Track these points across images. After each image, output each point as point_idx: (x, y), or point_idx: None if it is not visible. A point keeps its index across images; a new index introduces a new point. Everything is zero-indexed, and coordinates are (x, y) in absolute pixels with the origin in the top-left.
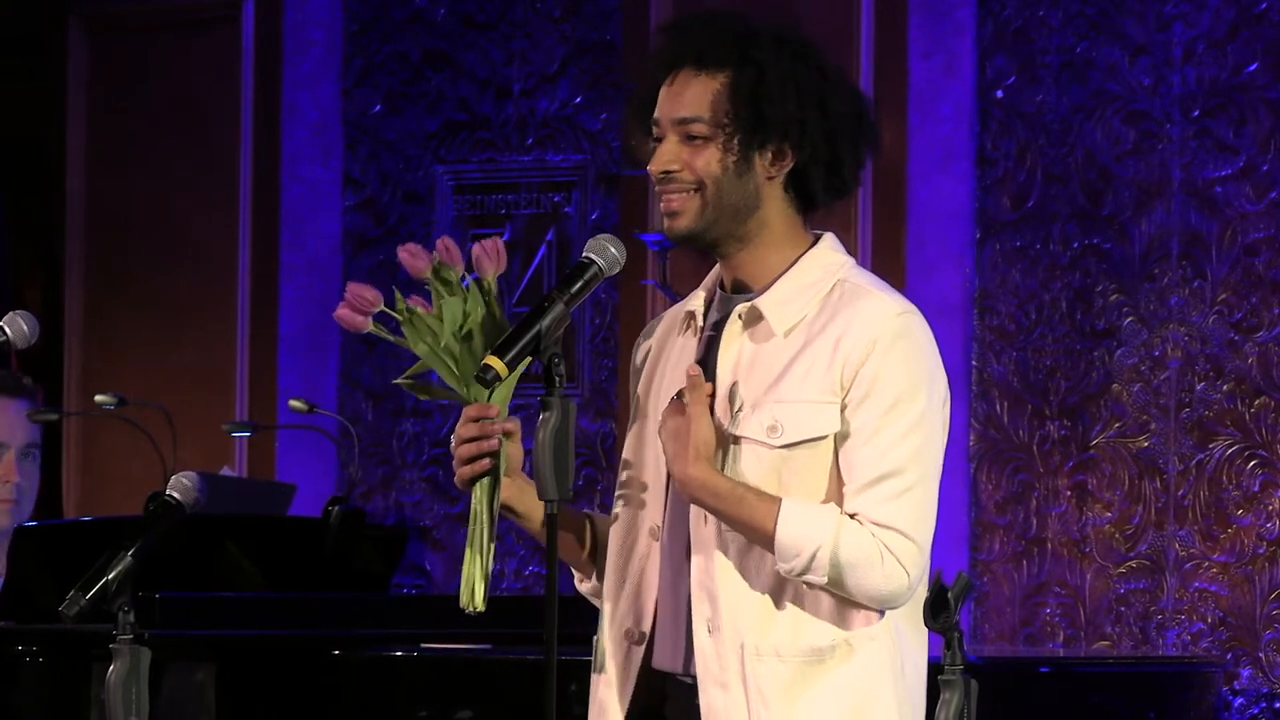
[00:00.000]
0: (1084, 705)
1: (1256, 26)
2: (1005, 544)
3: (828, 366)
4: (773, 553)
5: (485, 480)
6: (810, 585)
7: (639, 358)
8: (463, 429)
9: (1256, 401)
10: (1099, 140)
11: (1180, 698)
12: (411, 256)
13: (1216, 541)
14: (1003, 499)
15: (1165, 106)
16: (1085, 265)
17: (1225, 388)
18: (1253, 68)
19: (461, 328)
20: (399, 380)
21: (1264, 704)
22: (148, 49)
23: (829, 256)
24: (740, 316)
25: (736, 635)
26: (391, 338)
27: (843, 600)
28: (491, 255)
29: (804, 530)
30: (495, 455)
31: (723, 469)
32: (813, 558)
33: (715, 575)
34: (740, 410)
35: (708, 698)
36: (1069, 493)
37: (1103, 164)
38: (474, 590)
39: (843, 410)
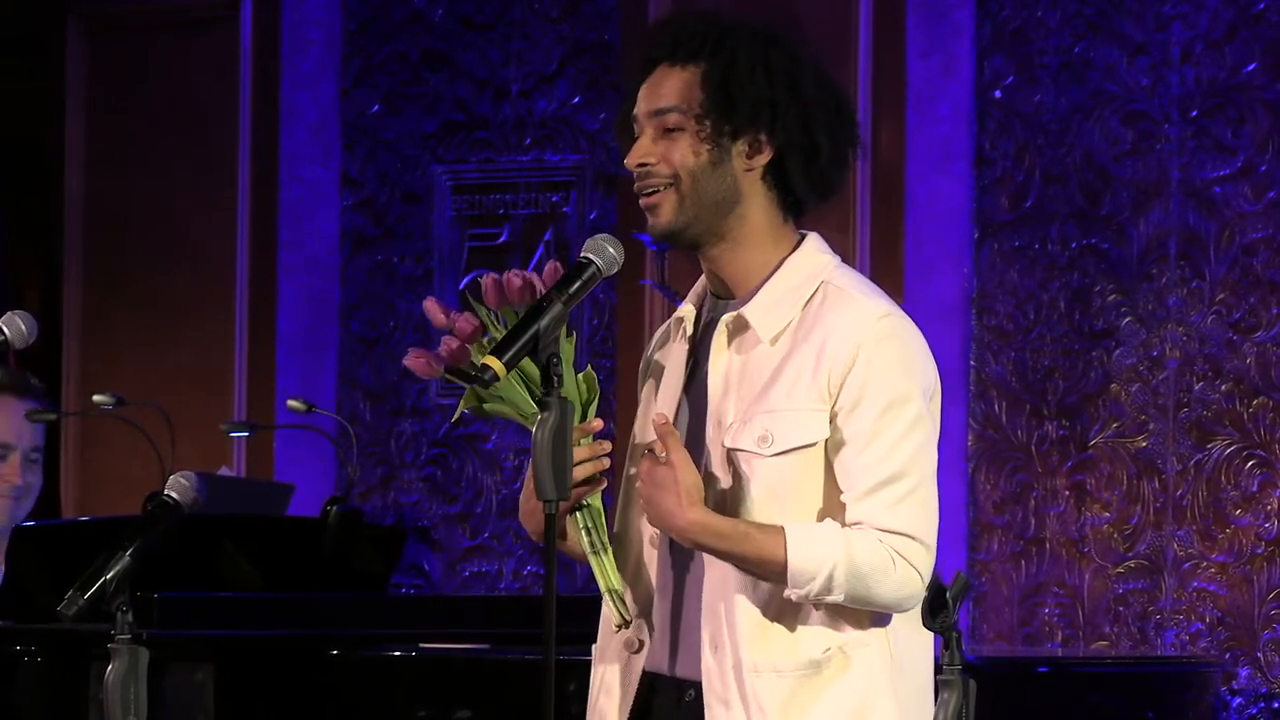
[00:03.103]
0: (1082, 705)
1: (1255, 26)
2: (1003, 544)
3: (813, 374)
4: (782, 582)
5: (589, 505)
6: (827, 605)
7: (643, 367)
8: (577, 450)
9: (1255, 401)
10: (1097, 140)
11: (1179, 697)
12: (514, 277)
13: (1215, 541)
14: (1001, 499)
15: (1163, 106)
16: (1083, 265)
17: (1224, 388)
18: (1251, 68)
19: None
20: (458, 416)
21: (1262, 704)
22: (146, 49)
23: (813, 258)
24: (727, 327)
25: (735, 652)
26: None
27: (836, 609)
28: (553, 275)
29: (815, 552)
30: (605, 472)
31: (717, 482)
32: (830, 578)
33: (725, 593)
34: (732, 423)
35: (713, 715)
36: (1067, 493)
37: (1101, 164)
38: (618, 608)
39: (833, 419)
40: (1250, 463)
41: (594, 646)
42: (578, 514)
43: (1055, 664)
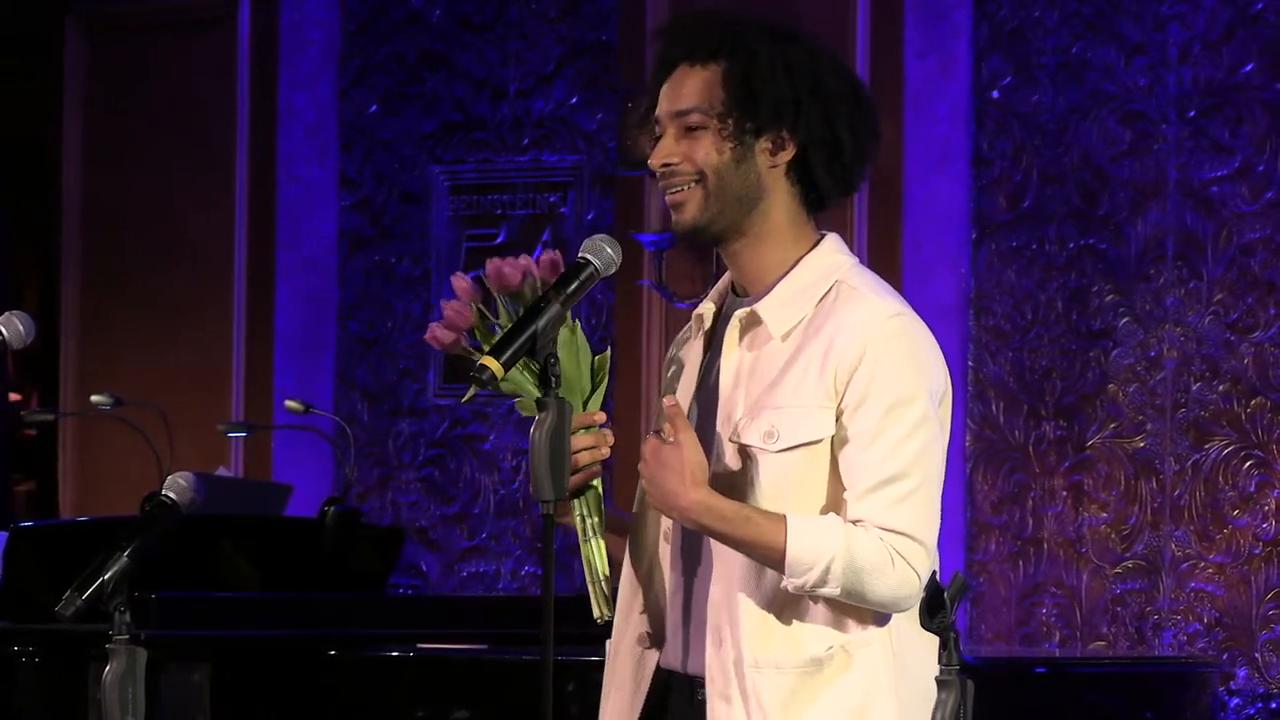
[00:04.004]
0: (1080, 705)
1: (1252, 27)
2: (1001, 544)
3: (820, 371)
4: (780, 570)
5: (592, 488)
6: (822, 598)
7: (666, 363)
8: (578, 438)
9: (1252, 402)
10: (1095, 140)
11: (1176, 698)
12: (511, 269)
13: (1212, 542)
14: (999, 499)
15: (1161, 107)
16: (1081, 265)
17: (1221, 388)
18: (1248, 68)
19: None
20: (469, 397)
21: (1260, 704)
22: (145, 49)
23: (829, 258)
24: (740, 322)
25: (737, 648)
26: (477, 356)
27: (839, 607)
28: (549, 267)
29: (815, 543)
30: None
31: (725, 476)
32: (826, 570)
33: (730, 588)
34: (740, 418)
35: (713, 710)
36: (1065, 493)
37: (1098, 164)
38: (597, 603)
39: (839, 416)
40: (1248, 463)
41: (608, 642)
42: (575, 500)
43: (1053, 664)
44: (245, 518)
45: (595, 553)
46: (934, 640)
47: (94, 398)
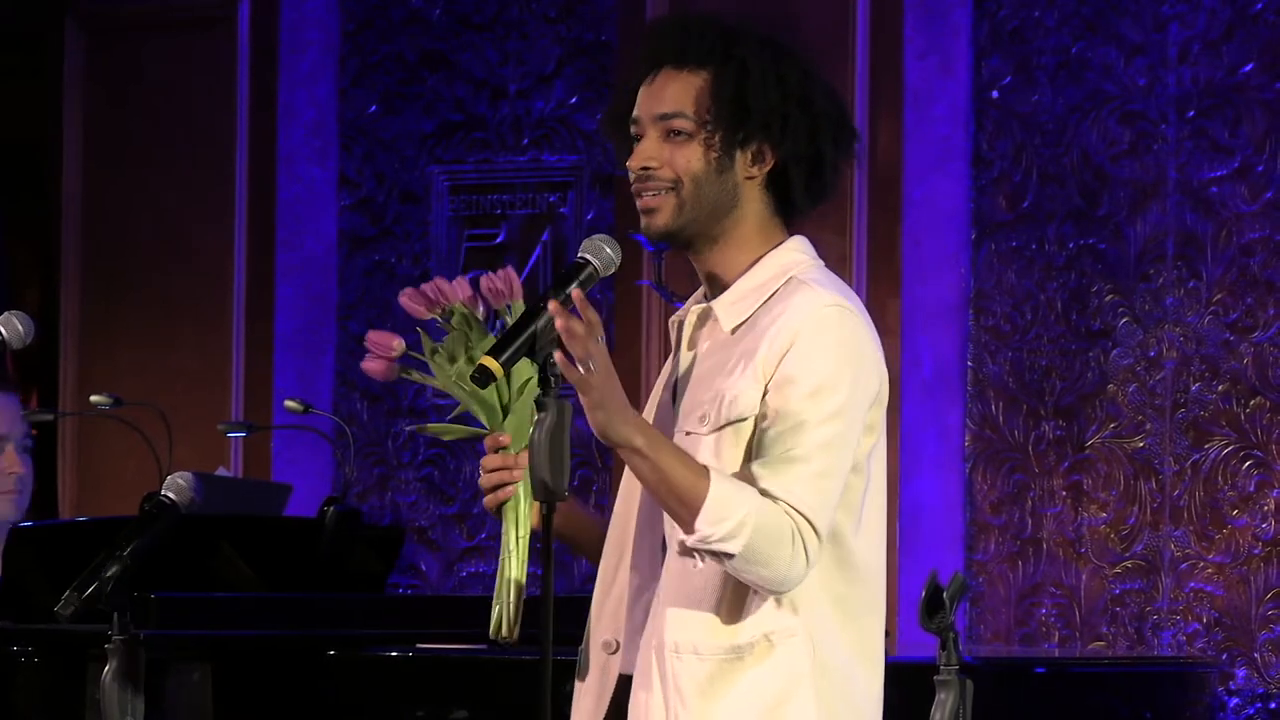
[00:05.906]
0: (1079, 706)
1: (1252, 26)
2: (1001, 544)
3: (754, 354)
4: (686, 518)
5: (511, 505)
6: (719, 555)
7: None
8: (486, 460)
9: (1252, 402)
10: (1094, 140)
11: (1176, 698)
12: (410, 301)
13: (1212, 542)
14: (998, 499)
15: (1161, 107)
16: (1081, 265)
17: (1220, 388)
18: (1248, 68)
19: (468, 358)
20: (414, 429)
21: (1259, 704)
22: (145, 49)
23: (788, 256)
24: (696, 318)
25: (659, 634)
26: (422, 379)
27: (767, 597)
28: (504, 287)
29: (735, 496)
30: (517, 482)
31: None
32: (740, 524)
33: (669, 584)
34: (686, 407)
35: (635, 697)
36: (1064, 493)
37: (1098, 164)
38: (500, 620)
39: (764, 395)
40: (1247, 463)
41: (580, 647)
42: (505, 508)
43: (1052, 664)
44: (245, 518)
45: (514, 568)
46: (859, 635)
47: (93, 398)
